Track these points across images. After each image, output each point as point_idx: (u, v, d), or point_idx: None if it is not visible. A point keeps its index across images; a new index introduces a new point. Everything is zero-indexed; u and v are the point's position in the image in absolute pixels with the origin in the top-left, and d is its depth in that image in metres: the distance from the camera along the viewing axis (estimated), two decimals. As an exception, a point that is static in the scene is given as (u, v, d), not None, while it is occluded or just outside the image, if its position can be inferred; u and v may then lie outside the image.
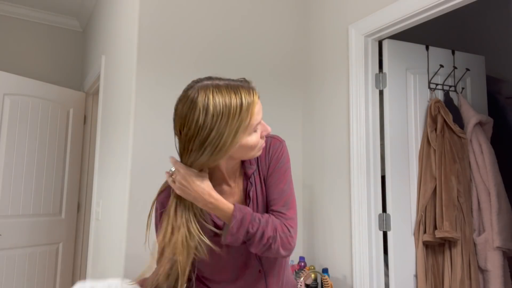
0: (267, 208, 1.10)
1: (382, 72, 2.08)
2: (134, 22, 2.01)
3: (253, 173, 1.11)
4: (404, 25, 1.89)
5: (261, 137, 1.03)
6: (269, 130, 1.03)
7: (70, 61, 3.59)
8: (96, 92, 3.23)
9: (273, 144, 1.14)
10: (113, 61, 2.42)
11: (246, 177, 1.11)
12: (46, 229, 3.05)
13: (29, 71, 3.37)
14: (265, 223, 1.01)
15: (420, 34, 2.60)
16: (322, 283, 1.95)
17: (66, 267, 3.19)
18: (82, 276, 3.25)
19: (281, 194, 1.09)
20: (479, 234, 2.08)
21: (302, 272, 1.96)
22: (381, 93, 2.08)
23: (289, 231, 1.04)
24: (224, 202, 1.00)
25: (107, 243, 2.19)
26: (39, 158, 3.03)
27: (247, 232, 0.99)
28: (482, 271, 2.07)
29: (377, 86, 2.07)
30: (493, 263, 2.02)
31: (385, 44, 2.08)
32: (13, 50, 3.34)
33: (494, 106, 2.49)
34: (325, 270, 2.00)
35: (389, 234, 1.98)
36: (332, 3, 2.29)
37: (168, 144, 1.98)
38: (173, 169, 1.01)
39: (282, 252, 1.03)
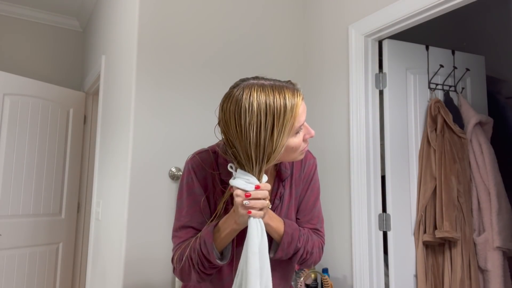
0: (297, 218, 1.17)
1: (382, 72, 2.08)
2: (134, 22, 2.01)
3: (287, 178, 1.13)
4: (404, 25, 1.89)
5: (304, 140, 1.03)
6: (313, 133, 1.03)
7: (70, 61, 3.59)
8: (96, 92, 3.23)
9: (309, 158, 1.19)
10: (113, 61, 2.42)
11: (279, 179, 1.12)
12: (46, 229, 3.05)
13: (29, 71, 3.37)
14: (306, 240, 1.09)
15: (420, 34, 2.61)
16: (322, 283, 1.95)
17: (66, 267, 3.19)
18: (82, 276, 3.25)
19: (317, 212, 1.19)
20: (479, 234, 2.08)
21: (302, 272, 1.96)
22: (381, 93, 2.08)
23: (322, 247, 1.15)
24: (275, 218, 1.05)
25: (107, 243, 2.19)
26: (39, 158, 3.03)
27: (296, 247, 1.06)
28: (482, 271, 2.07)
29: (377, 86, 2.07)
30: (493, 263, 2.02)
31: (385, 44, 2.08)
32: (13, 50, 3.34)
33: (494, 106, 2.49)
34: (325, 270, 2.00)
35: (389, 234, 1.98)
36: (332, 3, 2.29)
37: (168, 144, 1.99)
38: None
39: (311, 265, 1.13)
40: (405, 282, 1.98)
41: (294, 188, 1.15)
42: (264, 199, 0.95)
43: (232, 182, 0.95)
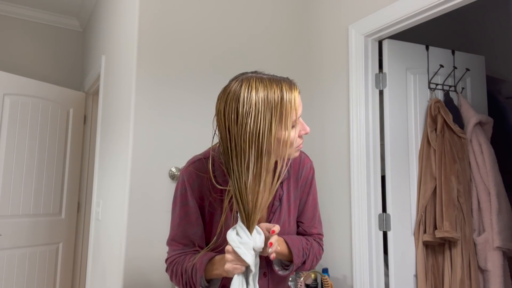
0: (300, 221, 1.20)
1: (382, 72, 2.08)
2: (134, 22, 2.01)
3: (284, 180, 1.14)
4: (404, 25, 1.89)
5: (299, 136, 1.03)
6: (308, 130, 1.04)
7: (70, 61, 3.59)
8: (96, 92, 3.23)
9: (306, 161, 1.19)
10: (113, 61, 2.42)
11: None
12: (46, 229, 3.05)
13: (29, 71, 3.37)
14: (308, 255, 1.12)
15: (420, 34, 2.61)
16: (322, 283, 1.95)
17: (66, 267, 3.19)
18: (82, 276, 3.25)
19: (317, 215, 1.21)
20: (479, 234, 2.08)
21: (302, 272, 1.96)
22: (381, 93, 2.08)
23: (322, 250, 1.18)
24: (279, 246, 1.06)
25: (107, 243, 2.19)
26: (39, 158, 3.03)
27: (299, 267, 1.11)
28: (482, 271, 2.07)
29: (377, 86, 2.07)
30: (493, 263, 2.02)
31: (385, 44, 2.08)
32: (13, 50, 3.34)
33: (494, 106, 2.49)
34: (325, 270, 2.00)
35: (389, 234, 1.98)
36: (332, 3, 2.29)
37: (168, 144, 1.99)
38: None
39: (311, 268, 1.18)
40: (405, 282, 1.98)
41: (292, 190, 1.16)
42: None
43: (228, 235, 0.95)
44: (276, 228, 0.99)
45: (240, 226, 0.95)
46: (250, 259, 0.93)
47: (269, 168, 1.02)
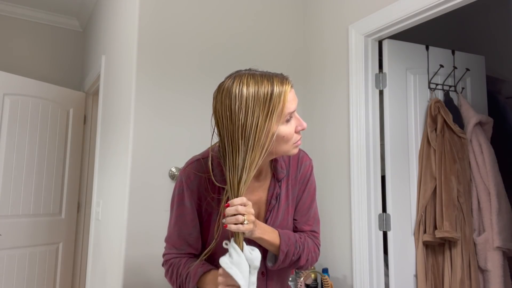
0: (293, 219, 1.18)
1: (382, 72, 2.08)
2: (134, 22, 2.01)
3: (283, 179, 1.14)
4: (404, 25, 1.89)
5: (296, 132, 1.03)
6: (305, 125, 1.04)
7: (70, 61, 3.59)
8: (96, 92, 3.23)
9: (305, 159, 1.19)
10: (113, 61, 2.42)
11: (275, 180, 1.13)
12: (46, 229, 3.05)
13: (29, 71, 3.37)
14: (303, 249, 1.10)
15: (420, 34, 2.61)
16: (322, 283, 1.95)
17: (66, 267, 3.19)
18: (82, 276, 3.25)
19: (313, 213, 1.19)
20: (479, 234, 2.08)
21: (302, 272, 1.96)
22: (381, 93, 2.08)
23: (318, 249, 1.16)
24: (269, 234, 1.05)
25: (107, 243, 2.19)
26: (39, 158, 3.03)
27: (291, 260, 1.08)
28: (482, 271, 2.07)
29: (377, 86, 2.07)
30: (493, 263, 2.02)
31: (385, 44, 2.08)
32: (13, 50, 3.34)
33: (494, 106, 2.49)
34: (325, 270, 2.00)
35: (389, 234, 1.98)
36: (332, 3, 2.29)
37: (168, 144, 1.99)
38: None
39: (308, 268, 1.16)
40: (405, 282, 1.98)
41: (290, 188, 1.15)
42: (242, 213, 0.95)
43: (221, 260, 0.95)
44: (232, 201, 0.95)
45: (232, 246, 0.95)
46: (242, 280, 0.93)
47: (256, 163, 0.97)
